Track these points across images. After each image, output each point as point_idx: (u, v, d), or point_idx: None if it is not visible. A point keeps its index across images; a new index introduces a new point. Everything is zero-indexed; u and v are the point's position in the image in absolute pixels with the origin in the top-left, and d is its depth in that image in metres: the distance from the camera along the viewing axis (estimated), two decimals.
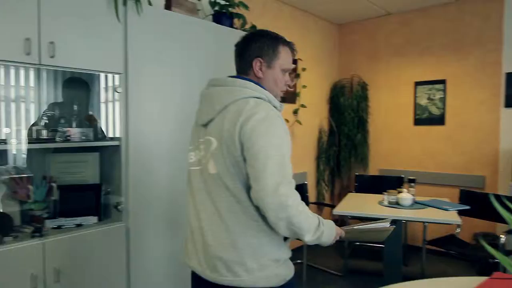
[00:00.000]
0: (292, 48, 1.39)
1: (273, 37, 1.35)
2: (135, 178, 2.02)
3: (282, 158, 1.16)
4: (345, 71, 4.56)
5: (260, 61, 1.32)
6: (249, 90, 1.26)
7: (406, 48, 4.12)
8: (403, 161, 4.17)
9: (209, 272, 1.25)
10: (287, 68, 1.36)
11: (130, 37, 1.98)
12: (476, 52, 3.67)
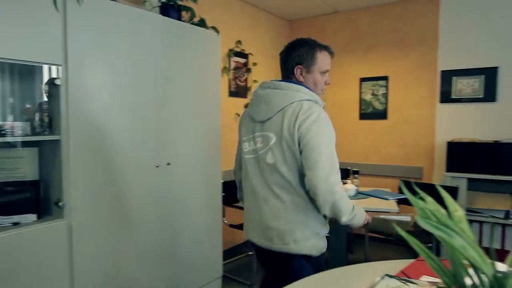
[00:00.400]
0: (329, 51, 1.62)
1: (310, 45, 1.58)
2: (78, 173, 1.96)
3: (330, 153, 1.44)
4: None
5: (300, 68, 1.57)
6: (301, 93, 1.51)
7: (352, 45, 4.29)
8: (350, 154, 4.36)
9: (264, 241, 1.56)
10: (325, 70, 1.60)
11: (70, 27, 1.90)
12: (416, 50, 3.91)
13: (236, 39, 3.85)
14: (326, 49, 1.61)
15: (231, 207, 3.45)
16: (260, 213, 1.56)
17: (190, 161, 2.67)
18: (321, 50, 1.59)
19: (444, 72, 3.70)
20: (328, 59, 1.61)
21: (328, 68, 1.61)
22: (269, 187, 1.54)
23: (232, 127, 3.89)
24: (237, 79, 3.88)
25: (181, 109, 2.58)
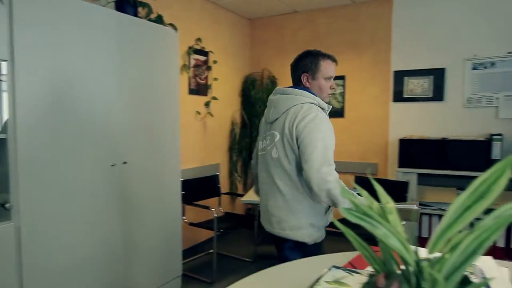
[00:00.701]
0: (332, 59, 1.77)
1: (314, 55, 1.77)
2: (26, 174, 1.88)
3: (324, 148, 1.62)
4: (256, 64, 4.71)
5: (306, 76, 1.77)
6: (304, 97, 1.71)
7: (311, 45, 4.37)
8: None
9: (268, 226, 1.80)
10: (329, 76, 1.77)
11: (17, 21, 1.82)
12: (370, 51, 4.06)
13: (196, 36, 3.82)
14: (329, 58, 1.77)
15: (191, 206, 3.44)
16: (266, 202, 1.80)
17: (147, 159, 2.64)
18: (324, 59, 1.76)
19: (397, 72, 3.87)
20: (331, 67, 1.77)
21: (331, 74, 1.78)
22: (273, 180, 1.75)
23: (193, 125, 3.87)
24: (197, 77, 3.86)
25: (137, 107, 2.54)
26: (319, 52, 1.79)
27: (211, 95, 4.05)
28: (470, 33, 3.54)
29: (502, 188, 0.52)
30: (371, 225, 0.57)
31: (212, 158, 4.19)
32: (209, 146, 4.13)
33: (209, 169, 4.04)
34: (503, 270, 0.97)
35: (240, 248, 3.99)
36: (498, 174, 0.52)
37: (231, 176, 4.49)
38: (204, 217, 3.58)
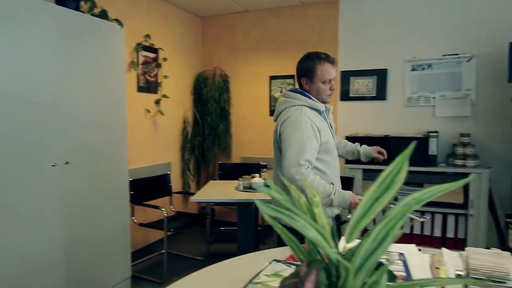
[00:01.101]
0: (329, 61, 1.81)
1: (312, 59, 1.82)
2: None
3: (299, 148, 1.69)
4: (208, 63, 4.69)
5: (305, 79, 1.84)
6: (297, 100, 1.81)
7: (262, 44, 4.44)
8: (262, 148, 4.52)
9: None
10: (326, 79, 1.80)
11: None
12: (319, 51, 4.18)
13: (144, 33, 3.74)
14: (327, 61, 1.81)
15: (140, 206, 3.37)
16: None
17: (92, 159, 2.55)
18: (320, 63, 1.80)
19: (343, 72, 4.03)
20: (328, 69, 1.81)
21: (328, 77, 1.81)
22: (277, 174, 1.85)
23: (143, 124, 3.79)
24: (146, 74, 3.78)
25: (80, 104, 2.45)
26: (318, 55, 1.82)
27: (162, 93, 3.98)
28: (410, 36, 3.76)
29: (403, 179, 0.58)
30: (289, 217, 0.61)
31: (164, 157, 4.13)
32: (160, 145, 4.07)
33: (160, 168, 3.98)
34: (424, 256, 1.06)
35: (193, 247, 3.97)
36: (399, 167, 0.58)
37: (183, 175, 4.45)
38: (155, 217, 3.53)
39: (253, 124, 4.54)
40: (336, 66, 1.85)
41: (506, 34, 3.27)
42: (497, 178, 3.43)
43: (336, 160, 1.92)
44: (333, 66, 1.83)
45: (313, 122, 1.77)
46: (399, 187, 0.59)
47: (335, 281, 0.69)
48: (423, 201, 0.63)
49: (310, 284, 0.62)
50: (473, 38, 3.54)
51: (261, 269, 1.25)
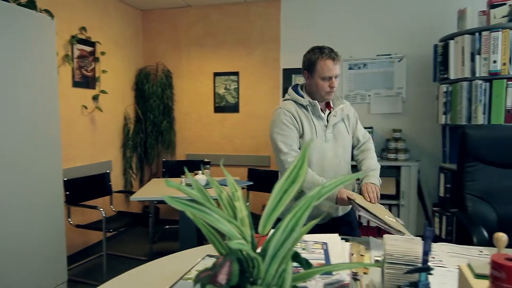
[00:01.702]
0: (332, 58, 1.72)
1: (314, 53, 1.75)
2: None
3: (274, 140, 1.77)
4: (150, 58, 4.58)
5: (307, 73, 1.80)
6: (287, 94, 1.87)
7: (205, 40, 4.41)
8: (207, 145, 4.50)
9: None
10: (326, 76, 1.73)
11: None
12: (261, 49, 4.24)
13: (80, 25, 3.56)
14: (329, 56, 1.72)
15: (77, 207, 3.22)
16: None
17: (20, 158, 2.39)
18: (322, 58, 1.73)
19: (285, 70, 4.13)
20: (329, 67, 1.72)
21: (328, 74, 1.73)
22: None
23: (79, 121, 3.62)
24: (82, 69, 3.61)
25: (5, 100, 2.29)
26: (321, 50, 1.75)
27: (100, 89, 3.82)
28: (347, 36, 3.93)
29: (305, 172, 0.62)
30: (199, 211, 0.62)
31: (103, 155, 3.97)
32: (99, 143, 3.90)
33: (100, 166, 3.82)
34: (346, 245, 1.13)
35: (136, 247, 3.87)
36: (302, 161, 0.62)
37: (125, 174, 4.31)
38: (95, 217, 3.39)
39: (198, 120, 4.51)
40: (338, 62, 1.75)
41: (432, 36, 3.52)
42: (425, 170, 3.71)
43: (323, 157, 1.83)
44: (334, 63, 1.73)
45: (291, 113, 1.78)
46: (304, 179, 0.63)
47: (251, 271, 0.72)
48: (328, 191, 0.68)
49: (223, 275, 0.64)
50: (404, 39, 3.78)
51: (193, 265, 1.26)
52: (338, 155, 1.88)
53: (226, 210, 0.78)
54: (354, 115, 1.98)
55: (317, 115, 1.82)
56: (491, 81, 2.82)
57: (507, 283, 0.71)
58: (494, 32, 2.77)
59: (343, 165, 1.91)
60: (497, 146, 2.09)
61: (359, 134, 1.99)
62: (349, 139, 1.93)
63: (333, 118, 1.85)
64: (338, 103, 1.88)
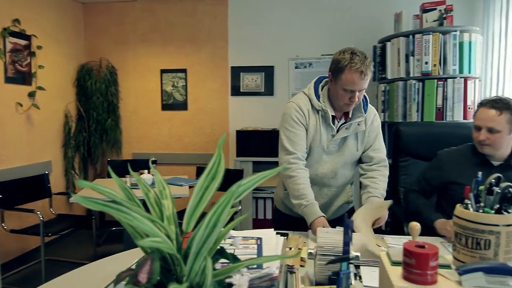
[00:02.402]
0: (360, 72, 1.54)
1: (345, 59, 1.57)
2: None
3: (281, 138, 1.74)
4: (93, 53, 4.38)
5: (330, 75, 1.64)
6: (307, 87, 1.77)
7: (152, 36, 4.30)
8: (154, 144, 4.41)
9: None
10: (348, 89, 1.58)
11: None
12: (209, 46, 4.22)
13: (13, 17, 3.33)
14: (357, 70, 1.54)
15: (12, 211, 3.03)
16: None
17: None
18: (350, 69, 1.55)
19: (233, 68, 4.14)
20: (353, 80, 1.56)
21: (352, 88, 1.57)
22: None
23: (13, 119, 3.39)
24: (16, 63, 3.38)
25: None
26: (353, 58, 1.55)
27: (37, 85, 3.61)
28: (294, 35, 4.01)
29: (223, 168, 0.63)
30: (116, 211, 0.61)
31: (42, 155, 3.76)
32: (37, 142, 3.68)
33: (38, 167, 3.61)
34: (280, 239, 1.16)
35: (79, 251, 3.71)
36: (219, 158, 0.63)
37: (67, 174, 4.11)
38: (33, 221, 3.20)
39: (145, 118, 4.40)
40: (368, 76, 1.58)
41: (373, 38, 3.69)
42: None
43: (317, 168, 1.75)
44: (362, 77, 1.56)
45: (303, 111, 1.69)
46: (223, 175, 0.64)
47: (176, 268, 0.72)
48: (248, 188, 0.70)
49: (143, 274, 0.64)
50: (347, 40, 3.91)
51: (130, 265, 1.23)
52: (336, 170, 1.76)
53: (153, 209, 0.78)
54: (375, 130, 1.78)
55: (327, 123, 1.71)
56: (424, 81, 3.02)
57: (417, 268, 0.78)
58: (426, 35, 2.97)
59: (340, 180, 1.79)
60: (426, 142, 2.24)
61: (373, 153, 1.77)
62: (355, 156, 1.78)
63: (343, 131, 1.71)
64: (358, 115, 1.71)
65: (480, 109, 1.64)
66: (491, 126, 1.59)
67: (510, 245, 0.81)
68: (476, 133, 1.65)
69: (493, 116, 1.59)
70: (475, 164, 1.68)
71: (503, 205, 0.82)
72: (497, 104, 1.59)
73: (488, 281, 0.76)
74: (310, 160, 1.76)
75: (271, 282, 0.91)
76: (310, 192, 1.67)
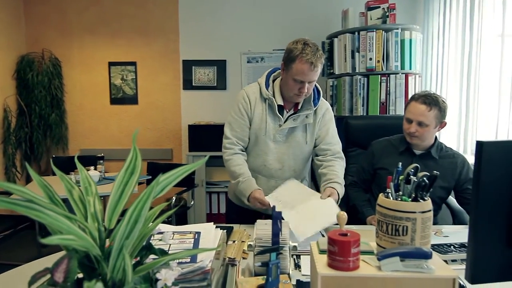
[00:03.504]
0: (310, 63, 1.56)
1: (297, 49, 1.58)
2: None
3: (227, 124, 1.78)
4: (34, 44, 4.14)
5: (283, 65, 1.67)
6: (261, 77, 1.82)
7: (99, 27, 4.13)
8: (103, 139, 4.25)
9: None
10: (297, 79, 1.60)
11: None
12: (159, 39, 4.12)
13: None
14: (308, 60, 1.56)
15: None
16: None
17: None
18: (301, 59, 1.56)
19: (185, 61, 4.08)
20: (303, 70, 1.57)
21: (301, 79, 1.59)
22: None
23: None
24: None
25: None
26: (305, 48, 1.56)
27: None
28: (245, 30, 4.02)
29: (140, 162, 0.63)
30: (29, 209, 0.59)
31: None
32: None
33: None
34: (218, 233, 1.17)
35: (22, 252, 3.52)
36: (136, 153, 0.62)
37: (7, 172, 3.87)
38: None
39: (92, 113, 4.23)
40: (318, 67, 1.60)
41: (322, 34, 3.78)
42: None
43: (264, 159, 1.77)
44: (312, 68, 1.57)
45: (250, 99, 1.74)
46: (141, 170, 0.63)
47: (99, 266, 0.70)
48: (170, 183, 0.70)
49: (59, 273, 0.62)
50: (298, 35, 3.91)
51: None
52: (282, 161, 1.78)
53: (76, 206, 0.76)
54: (326, 123, 1.79)
55: (274, 112, 1.72)
56: (368, 76, 3.14)
57: (339, 255, 0.81)
58: (370, 32, 3.09)
59: (288, 173, 1.79)
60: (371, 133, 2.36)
61: (327, 146, 1.78)
62: (304, 149, 1.80)
63: (291, 122, 1.73)
64: (307, 107, 1.72)
65: (412, 103, 1.76)
66: (421, 120, 1.71)
67: (425, 230, 0.87)
68: (407, 124, 1.78)
69: (424, 111, 1.70)
70: (400, 153, 1.84)
71: (419, 193, 0.88)
72: (428, 100, 1.70)
73: (405, 265, 0.81)
74: (258, 150, 1.78)
75: (204, 275, 0.92)
76: (246, 171, 1.73)
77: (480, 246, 0.88)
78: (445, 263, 0.86)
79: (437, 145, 1.82)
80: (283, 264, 1.14)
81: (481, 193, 0.84)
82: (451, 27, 2.91)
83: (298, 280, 1.07)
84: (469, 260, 0.88)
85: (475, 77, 2.63)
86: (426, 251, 0.79)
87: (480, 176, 0.82)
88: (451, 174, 1.80)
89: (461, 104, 2.77)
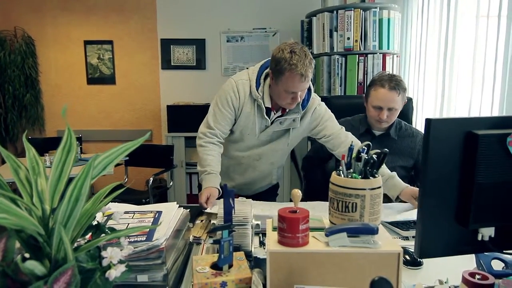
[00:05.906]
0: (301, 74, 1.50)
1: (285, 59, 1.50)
2: None
3: (209, 113, 1.73)
4: (6, 22, 3.99)
5: (271, 74, 1.61)
6: (252, 70, 1.71)
7: (73, 4, 4.00)
8: (81, 120, 4.18)
9: None
10: (289, 91, 1.56)
11: None
12: (136, 17, 4.01)
13: None
14: (298, 72, 1.49)
15: None
16: None
17: None
18: (290, 72, 1.50)
19: (163, 40, 4.00)
20: (295, 83, 1.53)
21: (294, 90, 1.55)
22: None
23: None
24: None
25: None
26: (292, 58, 1.48)
27: None
28: (225, 8, 3.94)
29: (75, 140, 0.62)
30: None
31: None
32: None
33: None
34: (179, 211, 1.18)
35: None
36: (70, 131, 0.61)
37: None
38: None
39: (69, 93, 4.14)
40: (309, 76, 1.54)
41: (301, 12, 3.73)
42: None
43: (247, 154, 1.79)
44: (301, 80, 1.52)
45: (240, 95, 1.66)
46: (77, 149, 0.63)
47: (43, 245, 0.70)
48: (111, 161, 0.69)
49: None
50: (278, 14, 3.94)
51: None
52: (263, 159, 1.81)
53: (22, 186, 0.75)
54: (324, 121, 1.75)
55: (262, 114, 1.69)
56: (346, 56, 3.14)
57: (288, 232, 0.83)
58: (348, 11, 3.06)
59: (264, 166, 1.84)
60: (349, 113, 2.38)
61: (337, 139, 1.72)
62: (284, 150, 1.83)
63: (277, 125, 1.72)
64: (295, 111, 1.69)
65: (380, 90, 1.74)
66: (392, 107, 1.72)
67: (374, 207, 0.89)
68: (375, 112, 1.77)
69: (394, 97, 1.72)
70: (360, 134, 1.86)
71: (369, 170, 0.90)
72: (395, 85, 1.71)
73: (352, 240, 0.83)
74: (240, 143, 1.79)
75: (158, 253, 0.93)
76: (217, 165, 1.69)
77: (428, 221, 0.91)
78: (394, 239, 0.88)
79: (395, 124, 1.84)
80: (245, 242, 1.16)
81: (429, 169, 0.86)
82: (430, 6, 2.90)
83: (256, 256, 1.09)
84: (418, 235, 0.90)
85: (452, 57, 2.64)
86: (372, 227, 0.81)
87: (428, 152, 0.84)
88: (409, 153, 1.83)
89: (438, 84, 2.79)
